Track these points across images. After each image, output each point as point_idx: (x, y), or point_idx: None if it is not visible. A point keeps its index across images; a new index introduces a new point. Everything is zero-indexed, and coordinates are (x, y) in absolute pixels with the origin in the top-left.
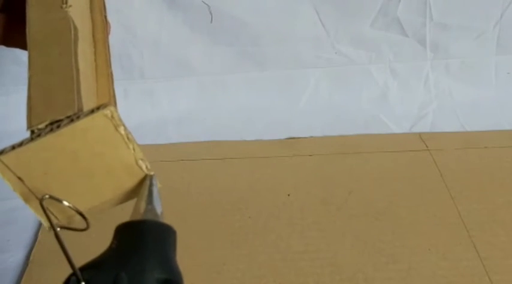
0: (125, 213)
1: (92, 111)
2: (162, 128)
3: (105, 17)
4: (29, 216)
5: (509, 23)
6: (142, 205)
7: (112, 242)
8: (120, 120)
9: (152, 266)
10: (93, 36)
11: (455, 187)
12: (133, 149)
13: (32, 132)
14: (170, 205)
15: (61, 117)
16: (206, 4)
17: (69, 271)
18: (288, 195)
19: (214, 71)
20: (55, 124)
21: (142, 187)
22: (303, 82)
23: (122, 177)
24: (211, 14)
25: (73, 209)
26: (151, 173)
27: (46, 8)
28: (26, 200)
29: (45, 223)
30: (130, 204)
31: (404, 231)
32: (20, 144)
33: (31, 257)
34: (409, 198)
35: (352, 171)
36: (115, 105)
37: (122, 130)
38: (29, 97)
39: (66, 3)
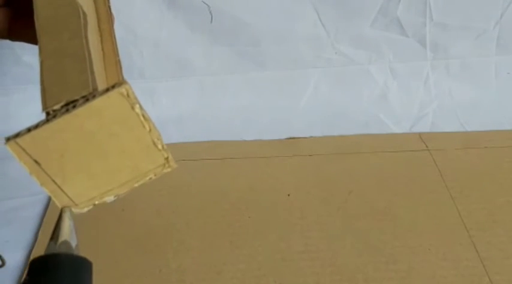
0: (125, 214)
1: (107, 90)
2: (162, 128)
3: (109, 7)
4: (29, 216)
5: (509, 23)
6: (56, 238)
7: (25, 279)
8: (136, 98)
9: None
10: (99, 26)
11: (455, 187)
12: (150, 129)
13: (48, 113)
14: (170, 205)
15: (76, 97)
16: (206, 4)
17: None
18: (288, 195)
19: (214, 71)
20: (70, 105)
21: (58, 220)
22: (303, 82)
23: (138, 157)
24: (211, 14)
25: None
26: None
27: None
28: (43, 184)
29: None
30: (130, 205)
31: (404, 231)
32: (36, 126)
33: (31, 258)
34: (409, 198)
35: (352, 171)
36: None
37: (137, 108)
38: (42, 81)
39: None
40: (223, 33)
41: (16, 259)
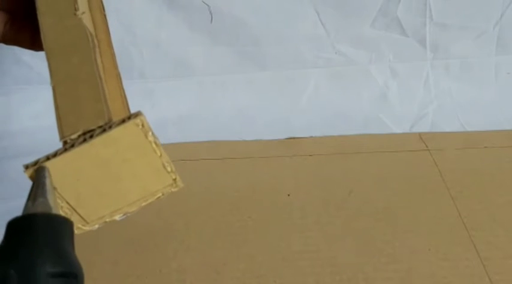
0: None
1: (123, 121)
2: (162, 128)
3: (105, 16)
4: None
5: (509, 23)
6: (33, 198)
7: (2, 241)
8: (149, 127)
9: (44, 260)
10: (96, 36)
11: (455, 187)
12: (161, 154)
13: (65, 142)
14: (170, 205)
15: (93, 127)
16: (206, 4)
17: None
18: (288, 195)
19: (214, 71)
20: (87, 134)
21: (35, 179)
22: (303, 82)
23: (148, 179)
24: (211, 14)
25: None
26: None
27: (59, 15)
28: (57, 206)
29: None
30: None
31: (404, 231)
32: (54, 155)
33: None
34: (409, 198)
35: (352, 171)
36: (128, 106)
37: (150, 136)
38: (57, 107)
39: (79, 9)
40: (223, 33)
41: None
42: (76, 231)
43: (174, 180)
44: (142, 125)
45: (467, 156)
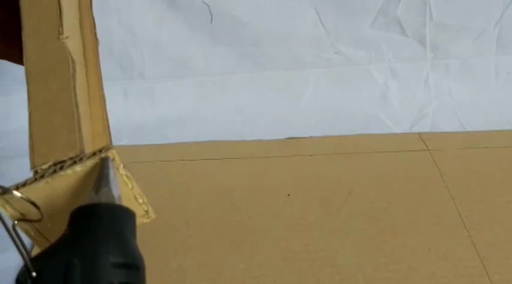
0: None
1: (95, 154)
2: (162, 128)
3: (95, 34)
4: None
5: (509, 23)
6: (97, 188)
7: (66, 229)
8: (120, 161)
9: (107, 250)
10: (84, 55)
11: (455, 187)
12: (132, 187)
13: (36, 172)
14: (170, 205)
15: (64, 158)
16: (206, 4)
17: None
18: (288, 195)
19: (214, 71)
20: (58, 165)
21: (98, 170)
22: (303, 82)
23: None
24: (211, 14)
25: (26, 199)
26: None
27: (43, 39)
28: (28, 234)
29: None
30: None
31: (404, 231)
32: (24, 184)
33: (32, 255)
34: (409, 198)
35: (352, 171)
36: (109, 131)
37: (121, 170)
38: (31, 135)
39: (63, 33)
40: (223, 33)
41: (16, 259)
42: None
43: (146, 211)
44: (114, 158)
45: (467, 156)
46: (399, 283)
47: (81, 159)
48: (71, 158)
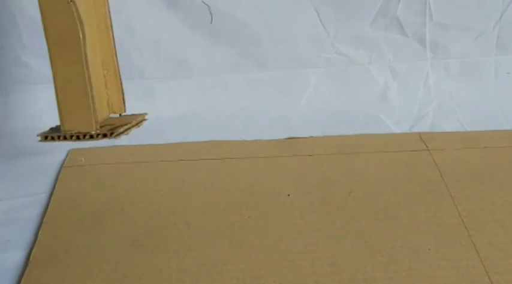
0: (125, 214)
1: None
2: (162, 128)
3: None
4: (29, 216)
5: (509, 23)
6: None
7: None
8: None
9: None
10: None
11: (455, 187)
12: None
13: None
14: (170, 205)
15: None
16: (206, 4)
17: (69, 272)
18: (288, 195)
19: (214, 71)
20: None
21: None
22: (303, 82)
23: None
24: (211, 14)
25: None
26: None
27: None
28: None
29: None
30: (130, 205)
31: (404, 231)
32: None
33: (31, 258)
34: (409, 198)
35: (352, 171)
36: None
37: None
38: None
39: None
40: (223, 33)
41: (16, 259)
42: None
43: None
44: None
45: (467, 156)
46: (399, 283)
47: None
48: None
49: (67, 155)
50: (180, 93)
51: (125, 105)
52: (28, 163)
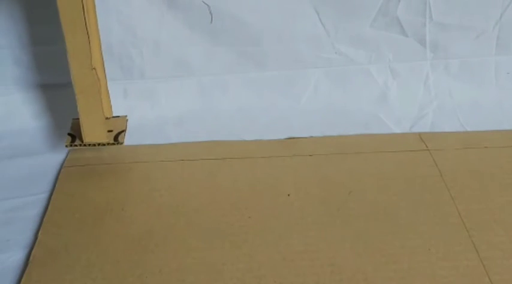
0: (125, 214)
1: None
2: (162, 128)
3: None
4: (29, 216)
5: (509, 23)
6: None
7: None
8: None
9: None
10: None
11: (455, 187)
12: None
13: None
14: (170, 205)
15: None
16: (206, 4)
17: (69, 272)
18: (288, 195)
19: (214, 71)
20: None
21: None
22: (303, 82)
23: None
24: (211, 14)
25: None
26: None
27: None
28: None
29: None
30: (130, 205)
31: (404, 231)
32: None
33: (31, 257)
34: (409, 198)
35: (352, 171)
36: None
37: None
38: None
39: None
40: (223, 33)
41: (16, 259)
42: None
43: None
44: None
45: (467, 156)
46: (399, 283)
47: None
48: None
49: (67, 155)
50: (180, 93)
51: (111, 108)
52: (28, 163)
